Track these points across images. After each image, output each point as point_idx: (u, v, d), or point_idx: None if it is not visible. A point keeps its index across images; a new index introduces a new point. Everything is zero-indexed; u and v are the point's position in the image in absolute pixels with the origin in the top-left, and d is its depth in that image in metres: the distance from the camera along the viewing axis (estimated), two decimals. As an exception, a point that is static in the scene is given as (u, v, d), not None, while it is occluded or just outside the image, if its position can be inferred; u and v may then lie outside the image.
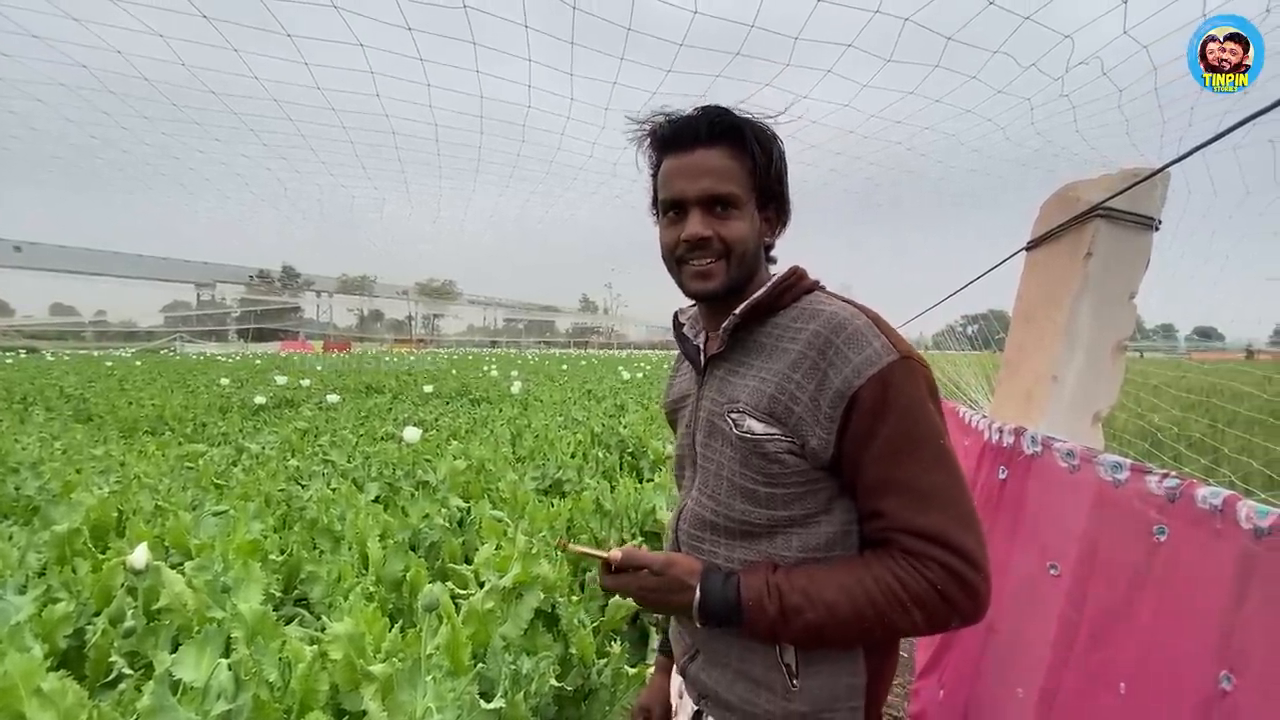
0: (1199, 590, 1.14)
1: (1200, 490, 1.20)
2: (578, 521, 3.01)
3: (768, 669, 0.84)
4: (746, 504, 0.85)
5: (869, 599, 0.75)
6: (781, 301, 0.89)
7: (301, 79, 5.72)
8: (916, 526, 0.75)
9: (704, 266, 0.87)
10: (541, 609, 2.15)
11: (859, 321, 0.81)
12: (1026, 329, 1.84)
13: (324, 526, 2.63)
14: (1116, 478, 1.42)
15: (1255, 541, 1.03)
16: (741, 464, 0.84)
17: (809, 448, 0.79)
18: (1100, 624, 1.42)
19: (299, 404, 7.80)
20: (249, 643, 1.78)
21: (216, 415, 6.68)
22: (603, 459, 4.49)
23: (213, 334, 75.40)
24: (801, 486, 0.82)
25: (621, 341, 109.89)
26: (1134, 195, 1.56)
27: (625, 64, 4.30)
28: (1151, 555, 1.29)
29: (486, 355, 37.11)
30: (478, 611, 1.85)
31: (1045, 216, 1.84)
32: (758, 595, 0.79)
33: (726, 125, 0.85)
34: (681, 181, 0.86)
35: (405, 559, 2.50)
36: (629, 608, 2.46)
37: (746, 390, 0.85)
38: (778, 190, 0.91)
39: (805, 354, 0.81)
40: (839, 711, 0.83)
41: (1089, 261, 1.61)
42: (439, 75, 5.33)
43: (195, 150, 10.33)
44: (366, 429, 5.74)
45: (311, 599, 2.29)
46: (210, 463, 3.65)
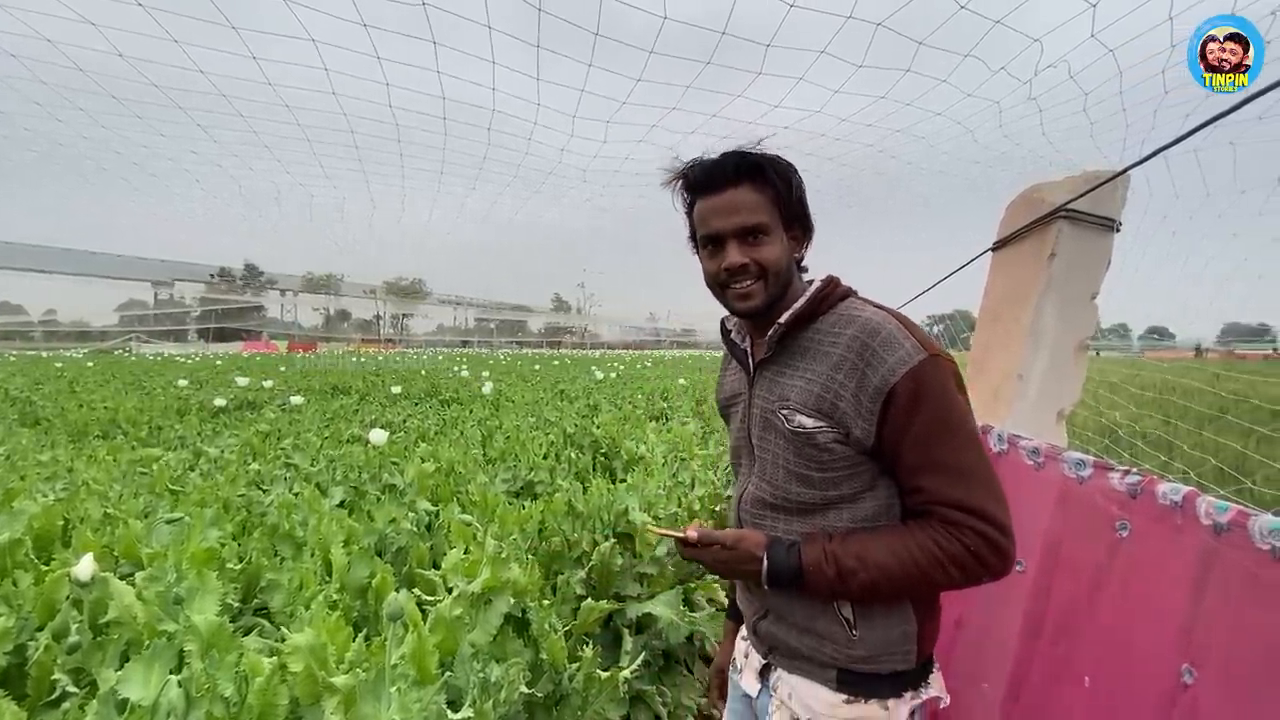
0: (1160, 585, 1.17)
1: (1161, 487, 1.22)
2: (549, 524, 2.97)
3: (830, 623, 0.99)
4: (801, 486, 1.00)
5: (914, 560, 0.89)
6: (820, 309, 1.01)
7: (253, 74, 5.54)
8: (953, 499, 0.89)
9: (745, 289, 1.00)
10: (512, 614, 2.11)
11: (890, 325, 0.94)
12: (993, 328, 1.87)
13: (285, 532, 2.54)
14: (1080, 474, 1.44)
15: (1214, 537, 1.06)
16: (795, 453, 0.99)
17: (853, 437, 0.93)
18: (1065, 619, 1.45)
19: (261, 406, 7.57)
20: (203, 656, 1.71)
21: (174, 418, 6.44)
22: (575, 460, 4.45)
23: (171, 334, 72.91)
24: (848, 469, 0.96)
25: (595, 341, 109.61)
26: (1095, 197, 1.60)
27: (594, 70, 4.27)
28: (1114, 551, 1.32)
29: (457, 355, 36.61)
30: (445, 619, 1.80)
31: (1010, 218, 1.87)
32: (817, 561, 0.93)
33: (749, 165, 0.98)
34: (717, 220, 1.00)
35: (371, 565, 2.43)
36: (601, 610, 2.44)
37: (795, 390, 0.99)
38: (800, 212, 1.04)
39: (845, 356, 0.94)
40: (895, 655, 0.98)
41: (1053, 262, 1.64)
42: (401, 73, 5.22)
43: (139, 145, 9.94)
44: (332, 431, 5.59)
45: (272, 608, 2.21)
46: (165, 467, 3.51)
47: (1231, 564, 1.01)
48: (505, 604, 1.95)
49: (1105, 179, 1.51)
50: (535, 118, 5.86)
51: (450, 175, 9.89)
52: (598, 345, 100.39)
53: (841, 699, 1.00)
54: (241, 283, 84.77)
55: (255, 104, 6.77)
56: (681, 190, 1.06)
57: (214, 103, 6.79)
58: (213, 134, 8.52)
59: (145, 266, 76.00)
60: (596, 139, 6.09)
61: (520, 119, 6.12)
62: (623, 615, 2.79)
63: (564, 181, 9.83)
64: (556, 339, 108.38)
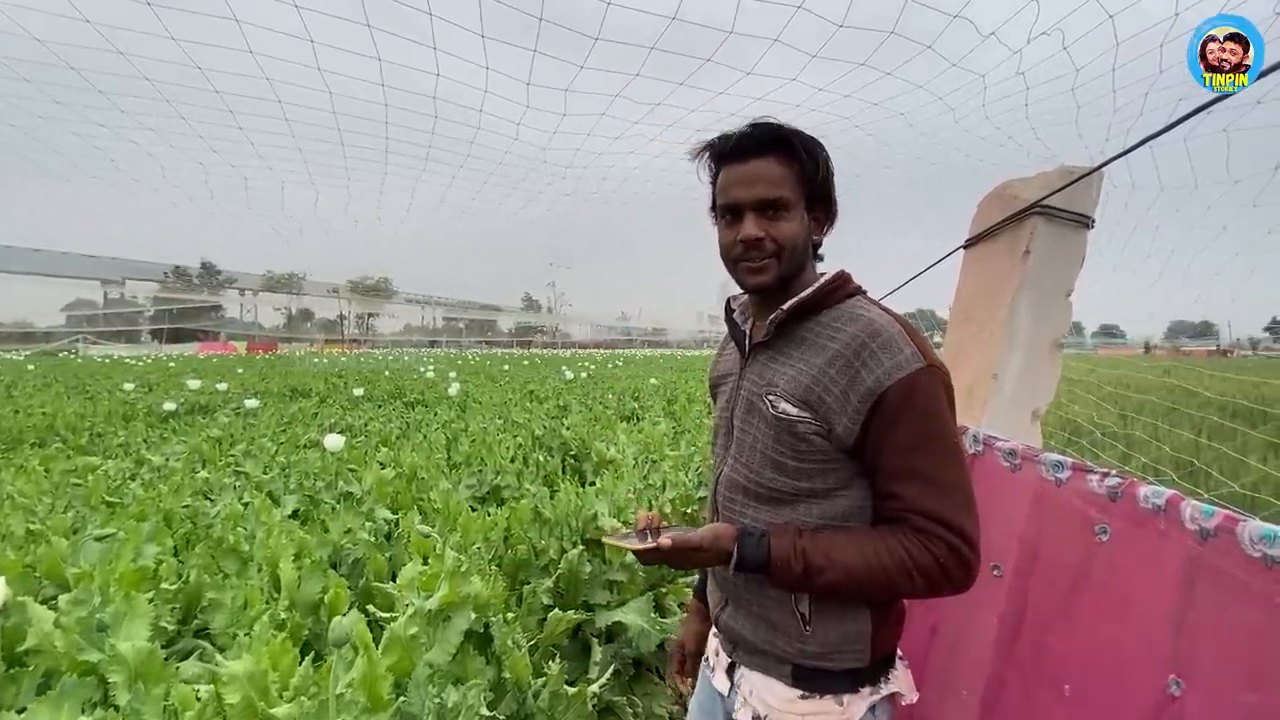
0: (1144, 592, 1.13)
1: (1142, 489, 1.18)
2: (515, 531, 2.87)
3: (784, 615, 0.99)
4: (776, 474, 0.99)
5: (880, 565, 0.89)
6: (826, 302, 1.00)
7: (205, 60, 5.25)
8: (928, 509, 0.88)
9: (758, 264, 0.98)
10: (473, 630, 2.01)
11: (893, 330, 0.93)
12: (965, 327, 1.84)
13: (230, 546, 2.38)
14: (1058, 477, 1.41)
15: (1200, 543, 1.02)
16: (774, 440, 0.98)
17: (834, 433, 0.92)
18: (1043, 625, 1.41)
19: (214, 410, 7.25)
20: (130, 688, 1.57)
21: (118, 424, 6.11)
22: (544, 463, 4.34)
23: (122, 335, 70.05)
24: (823, 463, 0.95)
25: (566, 341, 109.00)
26: (1070, 193, 1.57)
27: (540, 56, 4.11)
28: (1093, 556, 1.28)
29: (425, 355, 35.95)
30: (400, 638, 1.69)
31: (983, 214, 1.83)
32: (785, 556, 0.92)
33: (777, 137, 0.97)
34: (738, 189, 0.98)
35: (324, 579, 2.29)
36: (569, 620, 2.35)
37: (785, 377, 0.98)
38: (825, 193, 1.02)
39: (842, 353, 0.93)
40: (847, 653, 0.98)
41: (1027, 259, 1.61)
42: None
43: (85, 136, 9.42)
44: (289, 436, 5.37)
45: (213, 630, 2.06)
46: (102, 478, 3.30)
47: (1219, 571, 0.97)
48: (465, 620, 1.84)
49: (1082, 174, 1.48)
50: (482, 105, 5.67)
51: (400, 167, 9.62)
52: (569, 345, 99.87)
53: (797, 694, 1.00)
54: (198, 281, 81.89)
55: (217, 93, 6.41)
56: (708, 159, 1.04)
57: (172, 91, 6.43)
58: (168, 124, 8.09)
59: (94, 264, 72.80)
60: (548, 128, 5.92)
61: (470, 108, 5.93)
62: (592, 624, 2.70)
63: (521, 170, 9.64)
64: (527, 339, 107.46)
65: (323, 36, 4.37)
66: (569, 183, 10.69)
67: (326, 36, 4.40)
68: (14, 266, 64.76)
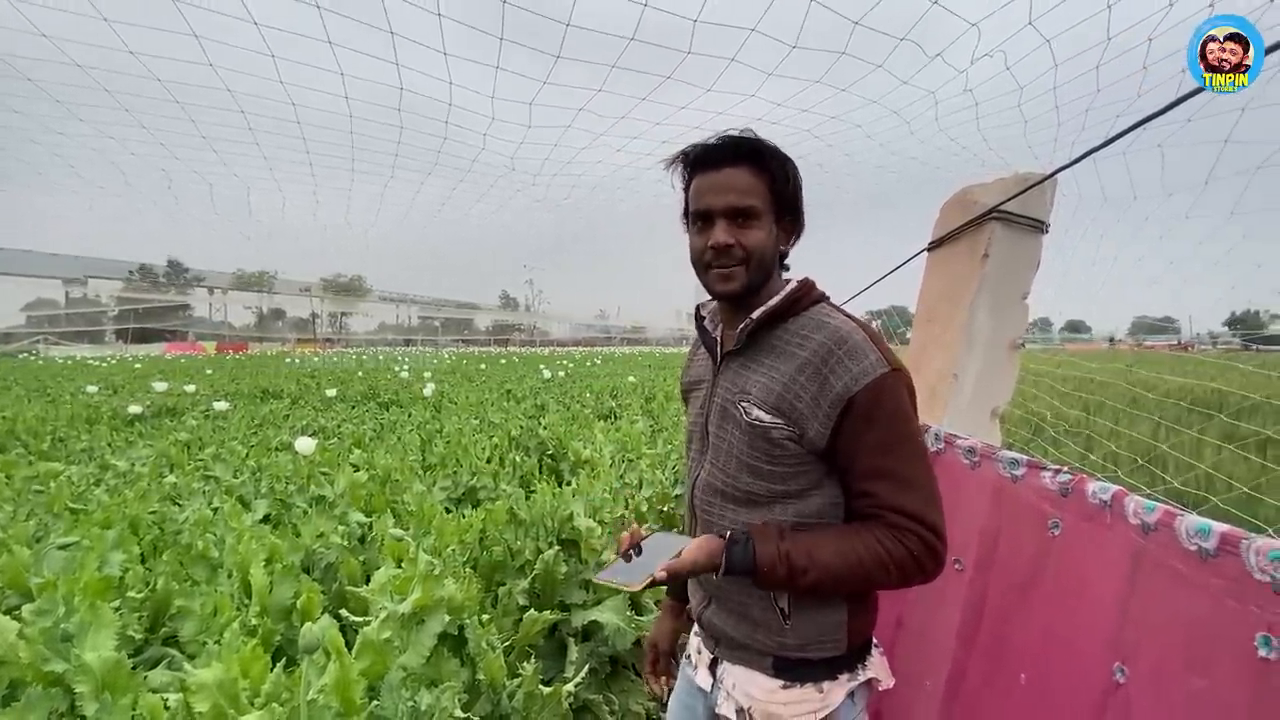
0: (1092, 583, 1.18)
1: (1090, 485, 1.24)
2: (491, 533, 2.87)
3: (764, 611, 1.04)
4: (751, 478, 1.03)
5: (859, 560, 0.93)
6: (793, 309, 1.04)
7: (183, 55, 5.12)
8: (900, 506, 0.94)
9: (727, 271, 1.01)
10: (448, 633, 2.01)
11: (858, 336, 0.97)
12: (928, 328, 1.89)
13: (199, 552, 2.35)
14: (1014, 473, 1.46)
15: (1143, 536, 1.07)
16: (749, 445, 1.02)
17: (806, 437, 0.97)
18: (1001, 616, 1.46)
19: (182, 413, 7.08)
20: (96, 698, 1.54)
21: (81, 427, 5.95)
22: (520, 463, 4.33)
23: (85, 335, 67.93)
24: (796, 466, 1.00)
25: (544, 339, 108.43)
26: (1025, 199, 1.62)
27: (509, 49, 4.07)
28: (1046, 549, 1.33)
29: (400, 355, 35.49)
30: (374, 642, 1.69)
31: (945, 218, 1.89)
32: (770, 561, 0.95)
33: (749, 148, 1.00)
34: (710, 196, 1.01)
35: (295, 584, 2.27)
36: (545, 621, 2.35)
37: (758, 385, 1.01)
38: (793, 205, 1.05)
39: (810, 360, 0.97)
40: (826, 643, 1.03)
41: (986, 262, 1.66)
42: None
43: (48, 130, 9.12)
44: (260, 438, 5.28)
45: (182, 638, 2.04)
46: (65, 484, 3.22)
47: (1159, 563, 1.02)
48: (439, 623, 1.84)
49: (1035, 181, 1.53)
50: (448, 117, 5.64)
51: (369, 166, 9.50)
52: (547, 343, 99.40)
53: (778, 685, 1.04)
54: (165, 280, 79.74)
55: (186, 87, 6.27)
56: (681, 166, 1.07)
57: (141, 85, 6.24)
58: (136, 118, 7.85)
59: (54, 263, 70.37)
60: (515, 138, 5.90)
61: (436, 119, 5.89)
62: (568, 624, 2.71)
63: (490, 177, 9.60)
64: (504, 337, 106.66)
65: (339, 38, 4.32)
66: (539, 189, 10.67)
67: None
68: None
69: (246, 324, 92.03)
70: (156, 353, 43.64)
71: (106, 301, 75.14)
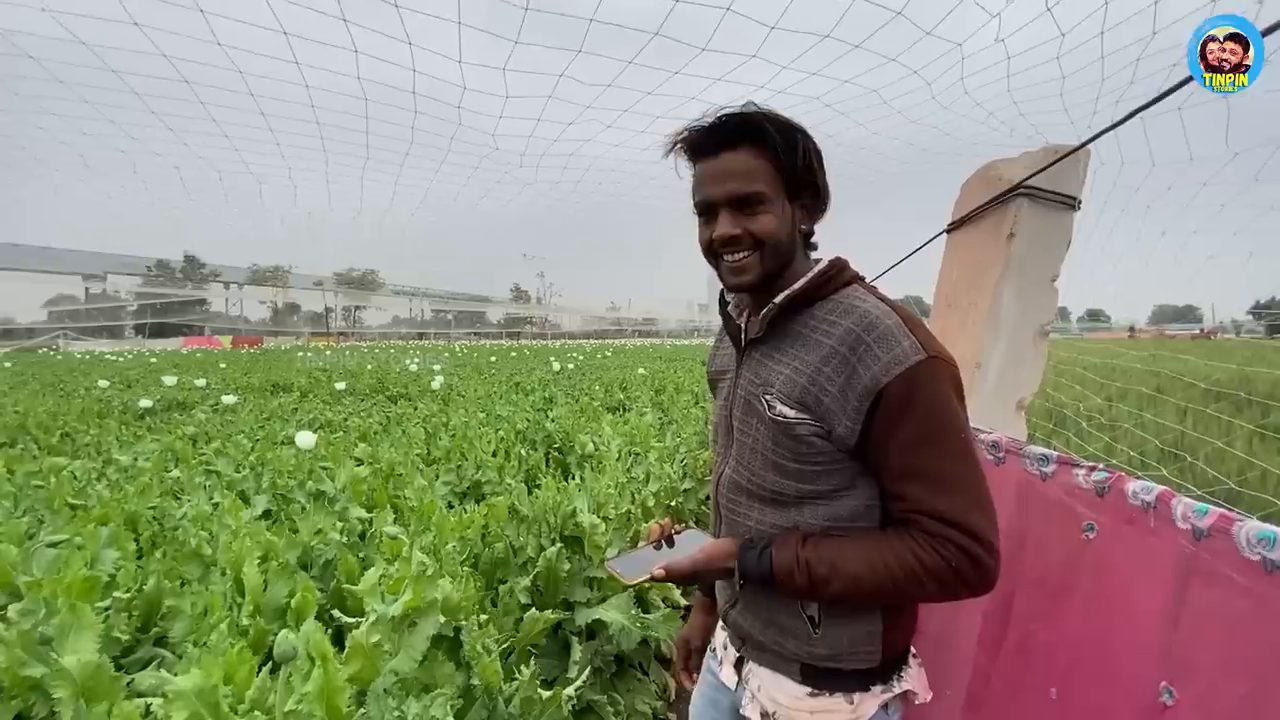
0: (1134, 594, 1.07)
1: (1131, 485, 1.12)
2: (493, 529, 2.79)
3: (792, 618, 0.97)
4: (777, 476, 0.95)
5: (889, 572, 0.85)
6: (820, 293, 0.96)
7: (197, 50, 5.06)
8: (936, 511, 0.84)
9: (738, 262, 0.94)
10: (444, 635, 1.94)
11: (890, 321, 0.87)
12: (948, 316, 1.77)
13: (192, 550, 2.29)
14: (1042, 470, 1.35)
15: (1193, 543, 0.96)
16: (774, 441, 0.94)
17: (835, 434, 0.88)
18: (1027, 625, 1.35)
19: (192, 407, 7.10)
20: (74, 704, 1.49)
21: (92, 422, 5.97)
22: (526, 457, 4.26)
23: (105, 330, 68.93)
24: (825, 465, 0.92)
25: (555, 331, 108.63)
26: (1055, 174, 1.50)
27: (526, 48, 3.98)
28: (1080, 554, 1.22)
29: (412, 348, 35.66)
30: (363, 646, 1.62)
31: (966, 197, 1.76)
32: (788, 569, 0.89)
33: (748, 126, 0.91)
34: (709, 186, 0.94)
35: (290, 583, 2.21)
36: (547, 621, 2.28)
37: (781, 377, 0.94)
38: (809, 179, 0.95)
39: (837, 350, 0.88)
40: (858, 654, 0.95)
41: (1011, 243, 1.54)
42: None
43: (65, 124, 9.16)
44: (266, 432, 5.25)
45: (172, 639, 1.98)
46: (67, 479, 3.19)
47: (1214, 574, 0.91)
48: (433, 625, 1.77)
49: (1070, 150, 1.41)
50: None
51: (385, 159, 9.44)
52: (559, 335, 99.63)
53: (806, 691, 0.98)
54: (181, 275, 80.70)
55: (199, 85, 6.23)
56: (683, 152, 0.99)
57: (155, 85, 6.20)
58: (152, 113, 7.83)
59: (74, 259, 71.43)
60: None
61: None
62: (572, 622, 2.64)
63: (503, 167, 9.49)
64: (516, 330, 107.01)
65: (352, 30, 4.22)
66: (546, 181, 10.56)
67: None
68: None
69: (262, 318, 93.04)
70: (174, 347, 44.21)
71: (125, 297, 76.16)
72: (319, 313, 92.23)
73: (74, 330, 64.97)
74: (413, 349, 29.33)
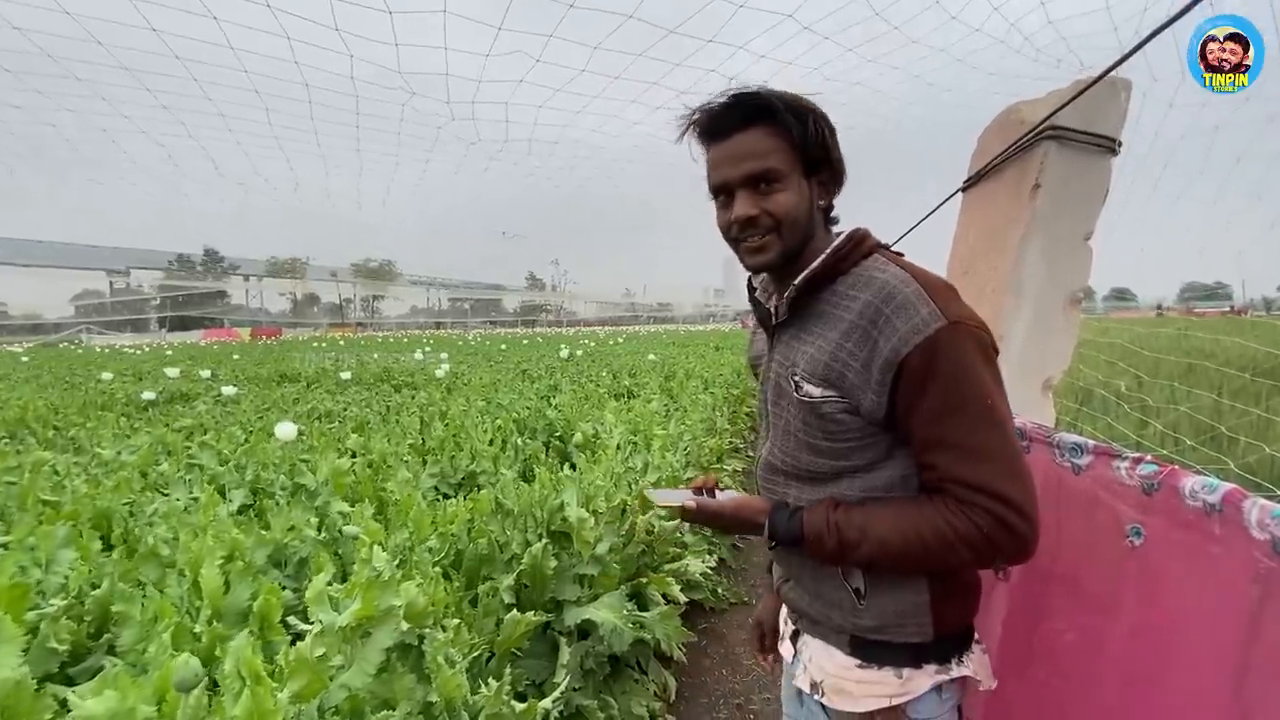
0: (1194, 617, 0.86)
1: (1187, 481, 0.91)
2: (478, 524, 2.63)
3: (836, 589, 0.98)
4: (811, 455, 0.96)
5: (919, 538, 0.84)
6: (840, 268, 0.94)
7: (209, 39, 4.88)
8: (966, 478, 0.83)
9: (757, 243, 0.94)
10: (409, 643, 1.78)
11: (909, 289, 0.86)
12: (965, 283, 1.54)
13: (149, 549, 2.16)
14: (1076, 462, 1.13)
15: (1273, 558, 0.75)
16: (804, 422, 0.95)
17: (863, 409, 0.88)
18: (1058, 646, 1.15)
19: (194, 398, 7.05)
20: (-12, 727, 1.35)
21: (93, 415, 5.92)
22: (522, 447, 4.10)
23: (129, 324, 70.17)
24: (860, 440, 0.91)
25: (571, 319, 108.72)
26: (1089, 110, 1.27)
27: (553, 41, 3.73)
28: (1124, 564, 1.01)
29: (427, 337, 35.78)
30: (307, 660, 1.46)
31: (984, 147, 1.53)
32: (817, 531, 0.91)
33: (759, 106, 0.90)
34: (724, 168, 0.93)
35: (254, 585, 2.07)
36: (528, 623, 2.12)
37: (805, 356, 0.94)
38: (823, 155, 0.94)
39: (857, 324, 0.88)
40: (907, 626, 0.93)
41: (1036, 195, 1.31)
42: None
43: (88, 123, 9.08)
44: (265, 423, 5.16)
45: (120, 646, 1.85)
46: (44, 475, 3.08)
47: (1306, 598, 0.70)
48: (390, 634, 1.61)
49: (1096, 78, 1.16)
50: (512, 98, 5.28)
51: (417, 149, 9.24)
52: (574, 323, 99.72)
53: (855, 663, 0.97)
54: (201, 269, 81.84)
55: (219, 84, 6.07)
56: (695, 137, 0.98)
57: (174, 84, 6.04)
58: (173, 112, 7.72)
59: (97, 254, 72.77)
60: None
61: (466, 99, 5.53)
62: (560, 622, 2.48)
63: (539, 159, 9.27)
64: (531, 317, 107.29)
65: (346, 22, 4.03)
66: (569, 160, 10.32)
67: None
68: (20, 259, 64.73)
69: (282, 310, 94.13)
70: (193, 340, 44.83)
71: (149, 291, 77.42)
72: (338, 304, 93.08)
73: (99, 325, 66.21)
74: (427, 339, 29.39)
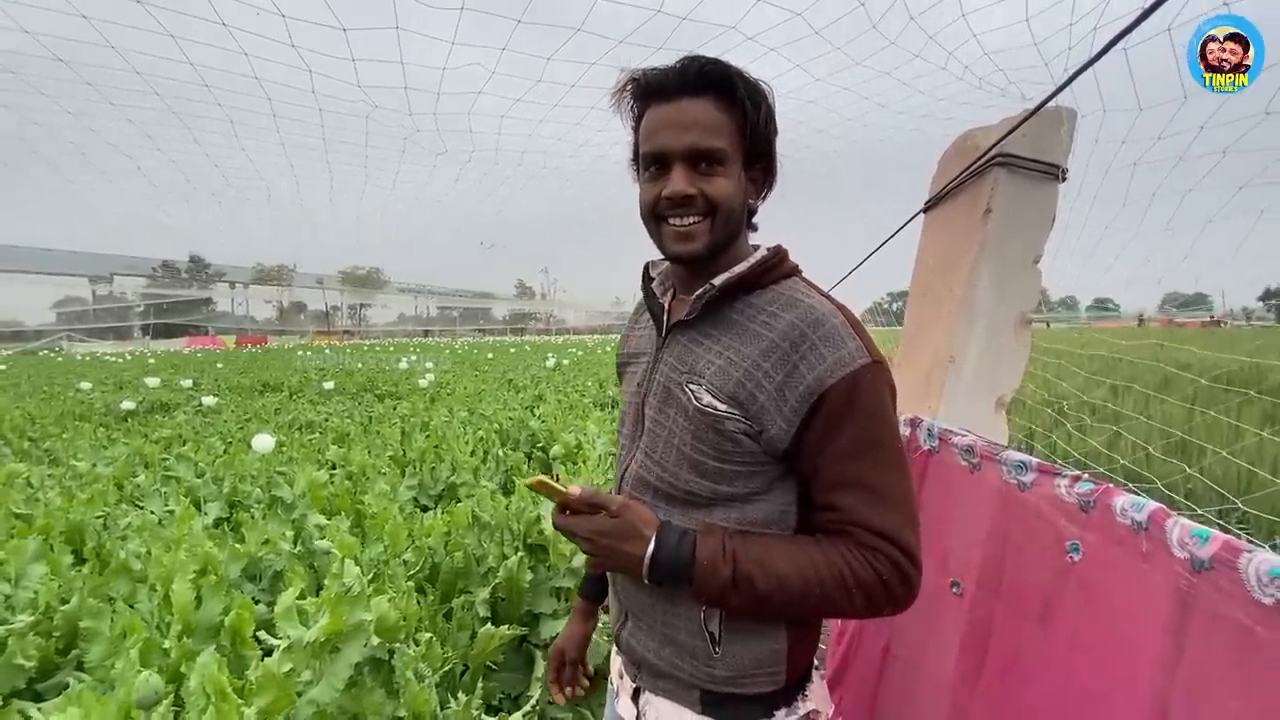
0: (1126, 629, 0.89)
1: (1119, 499, 0.95)
2: (454, 537, 2.64)
3: (691, 635, 0.88)
4: (693, 474, 0.86)
5: (818, 579, 0.78)
6: (760, 281, 0.87)
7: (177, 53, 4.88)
8: (872, 523, 0.78)
9: (687, 227, 0.84)
10: (379, 659, 1.79)
11: (836, 320, 0.81)
12: (923, 304, 1.59)
13: (120, 564, 2.15)
14: (1021, 479, 1.17)
15: (1193, 574, 0.78)
16: (694, 436, 0.85)
17: (766, 434, 0.80)
18: (1010, 655, 1.18)
19: (174, 408, 6.98)
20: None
21: (71, 425, 5.85)
22: (504, 458, 4.10)
23: (112, 332, 69.16)
24: (748, 466, 0.84)
25: (560, 327, 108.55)
26: (1035, 137, 1.32)
27: None
28: (1064, 577, 1.04)
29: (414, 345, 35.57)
30: (274, 676, 1.46)
31: (944, 170, 1.58)
32: (712, 557, 0.79)
33: (717, 74, 0.81)
34: (666, 134, 0.82)
35: (226, 599, 2.06)
36: (502, 637, 2.13)
37: (712, 367, 0.84)
38: (766, 150, 0.87)
39: (778, 344, 0.80)
40: (760, 676, 0.87)
41: (988, 219, 1.36)
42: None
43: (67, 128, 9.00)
44: (245, 434, 5.12)
45: (89, 663, 1.84)
46: (17, 488, 3.05)
47: (1218, 613, 0.74)
48: (359, 650, 1.61)
49: (1036, 107, 1.22)
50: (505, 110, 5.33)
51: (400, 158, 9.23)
52: (563, 331, 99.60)
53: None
54: (186, 276, 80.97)
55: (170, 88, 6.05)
56: (631, 99, 0.87)
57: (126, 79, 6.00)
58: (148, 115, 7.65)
59: (79, 260, 71.65)
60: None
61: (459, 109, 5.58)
62: (536, 635, 2.48)
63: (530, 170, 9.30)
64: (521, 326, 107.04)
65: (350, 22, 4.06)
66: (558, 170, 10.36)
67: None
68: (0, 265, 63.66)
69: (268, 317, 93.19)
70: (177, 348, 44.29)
71: (132, 298, 76.35)
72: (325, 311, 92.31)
73: (81, 332, 65.24)
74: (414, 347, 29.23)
